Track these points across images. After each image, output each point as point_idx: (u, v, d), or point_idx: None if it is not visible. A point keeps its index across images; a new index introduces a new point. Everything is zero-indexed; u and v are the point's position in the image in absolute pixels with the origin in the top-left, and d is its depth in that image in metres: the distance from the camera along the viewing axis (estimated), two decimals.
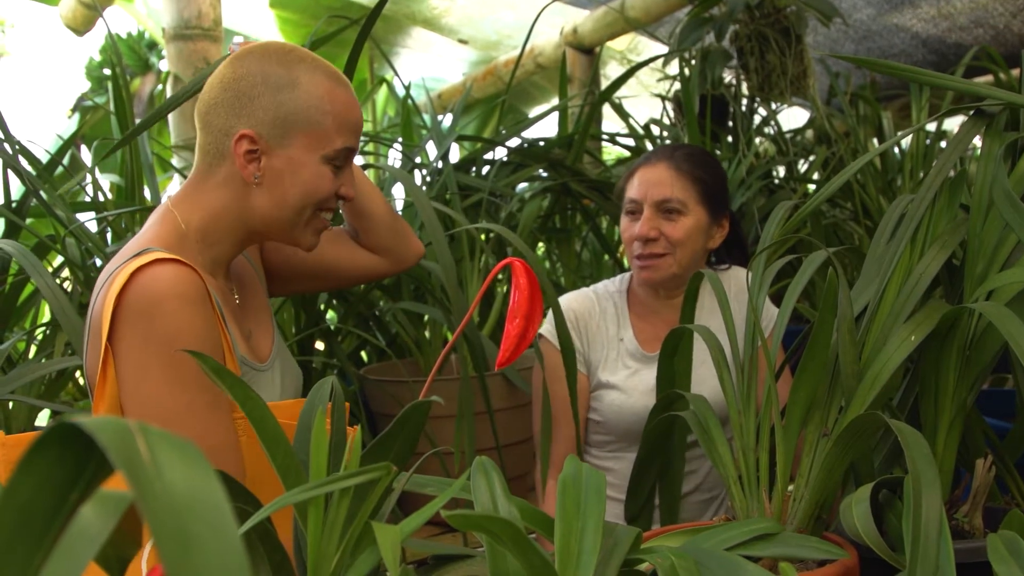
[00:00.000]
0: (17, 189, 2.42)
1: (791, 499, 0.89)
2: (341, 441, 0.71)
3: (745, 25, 2.75)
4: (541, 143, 2.76)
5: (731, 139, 2.87)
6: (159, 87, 5.54)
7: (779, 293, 2.11)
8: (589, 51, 3.57)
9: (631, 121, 2.99)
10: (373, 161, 2.70)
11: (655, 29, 3.40)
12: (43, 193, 1.85)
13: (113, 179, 2.64)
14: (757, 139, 2.92)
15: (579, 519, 0.63)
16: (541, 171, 2.61)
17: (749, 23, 2.74)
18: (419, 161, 2.54)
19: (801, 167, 3.07)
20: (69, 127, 4.38)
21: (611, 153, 4.21)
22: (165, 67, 5.08)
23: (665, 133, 2.98)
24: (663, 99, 2.99)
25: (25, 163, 1.89)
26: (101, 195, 2.18)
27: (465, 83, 4.24)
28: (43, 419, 2.03)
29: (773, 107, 2.92)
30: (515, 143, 2.77)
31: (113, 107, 2.35)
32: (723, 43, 2.77)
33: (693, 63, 2.79)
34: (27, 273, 1.60)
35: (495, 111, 3.36)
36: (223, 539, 0.28)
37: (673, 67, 2.97)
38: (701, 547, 0.72)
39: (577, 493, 0.65)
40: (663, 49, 3.13)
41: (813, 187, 2.92)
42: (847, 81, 3.29)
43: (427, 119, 2.97)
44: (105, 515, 0.30)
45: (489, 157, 2.66)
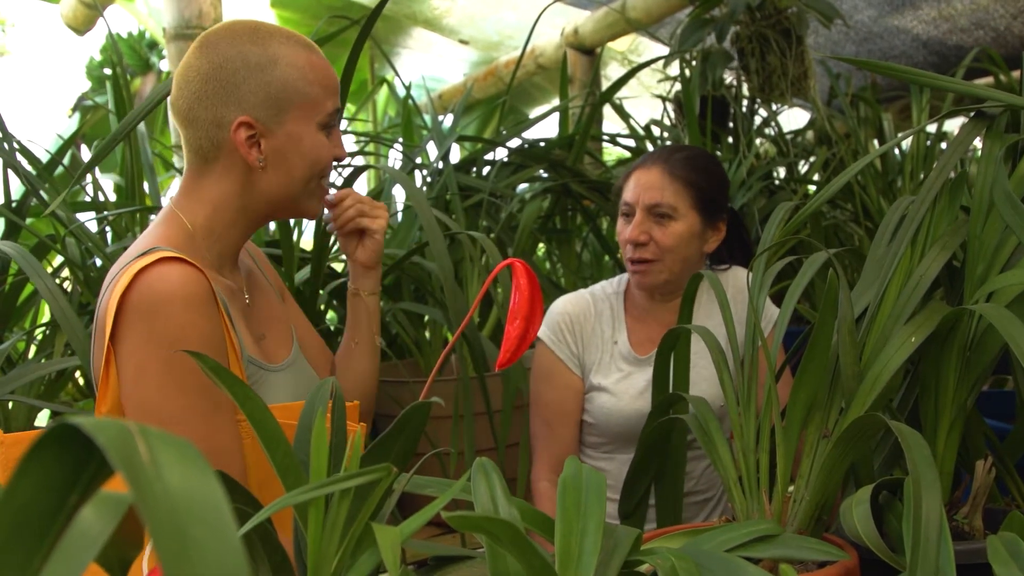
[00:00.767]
0: (17, 189, 2.42)
1: (791, 500, 0.89)
2: (341, 442, 0.71)
3: (746, 26, 2.75)
4: (542, 144, 2.76)
5: (732, 140, 2.87)
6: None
7: (778, 294, 2.10)
8: (590, 52, 3.57)
9: (632, 122, 2.99)
10: (374, 162, 2.70)
11: (656, 30, 3.40)
12: (43, 193, 1.85)
13: (114, 179, 2.64)
14: (758, 140, 2.92)
15: (579, 520, 0.63)
16: (542, 172, 2.61)
17: (750, 24, 2.74)
18: (420, 161, 2.54)
19: (802, 168, 3.07)
20: (69, 127, 4.37)
21: (612, 154, 4.21)
22: (166, 67, 5.08)
23: (666, 134, 2.98)
24: (664, 100, 2.98)
25: (25, 163, 1.89)
26: (102, 195, 2.18)
27: (466, 83, 4.24)
28: (43, 419, 2.02)
29: (774, 108, 2.92)
30: (516, 144, 2.77)
31: (113, 107, 2.35)
32: (724, 44, 2.77)
33: (694, 64, 2.79)
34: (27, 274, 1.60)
35: (496, 112, 3.36)
36: (222, 540, 0.28)
37: (674, 68, 2.97)
38: (701, 548, 0.72)
39: (577, 494, 0.65)
40: (664, 50, 3.13)
41: (813, 188, 2.92)
42: (848, 82, 3.29)
43: (428, 119, 2.97)
44: (105, 517, 0.30)
45: (490, 158, 2.66)
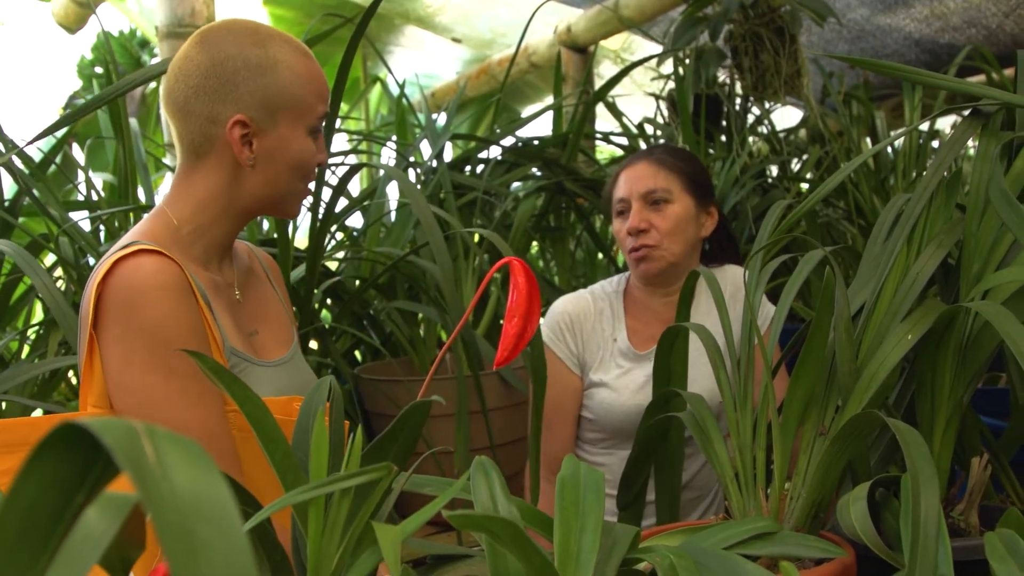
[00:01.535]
0: (9, 187, 2.41)
1: (788, 498, 0.89)
2: (339, 441, 0.71)
3: (739, 24, 2.76)
4: (535, 142, 2.77)
5: (725, 138, 2.87)
6: (151, 85, 5.52)
7: (773, 292, 2.11)
8: (583, 50, 3.57)
9: (625, 120, 2.99)
10: (367, 160, 2.69)
11: (649, 28, 3.40)
12: (36, 191, 1.84)
13: (106, 178, 2.63)
14: (751, 138, 2.92)
15: (578, 518, 0.63)
16: (535, 170, 2.61)
17: (743, 22, 2.75)
18: (413, 160, 2.53)
19: (794, 166, 3.08)
20: None
21: (605, 152, 4.21)
22: None
23: (659, 132, 2.98)
24: (657, 98, 2.99)
25: (18, 161, 1.88)
26: (95, 194, 2.17)
27: (459, 82, 4.24)
28: None
29: (767, 106, 2.93)
30: (509, 142, 2.77)
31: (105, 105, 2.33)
32: (717, 42, 2.78)
33: (687, 62, 2.79)
34: (22, 272, 1.59)
35: (489, 110, 3.36)
36: (229, 541, 0.28)
37: (667, 66, 2.97)
38: (700, 546, 0.72)
39: (576, 492, 0.65)
40: (657, 48, 3.13)
41: (806, 186, 2.93)
42: (841, 81, 3.30)
43: (421, 118, 2.96)
44: (110, 517, 0.30)
45: (483, 156, 2.66)
